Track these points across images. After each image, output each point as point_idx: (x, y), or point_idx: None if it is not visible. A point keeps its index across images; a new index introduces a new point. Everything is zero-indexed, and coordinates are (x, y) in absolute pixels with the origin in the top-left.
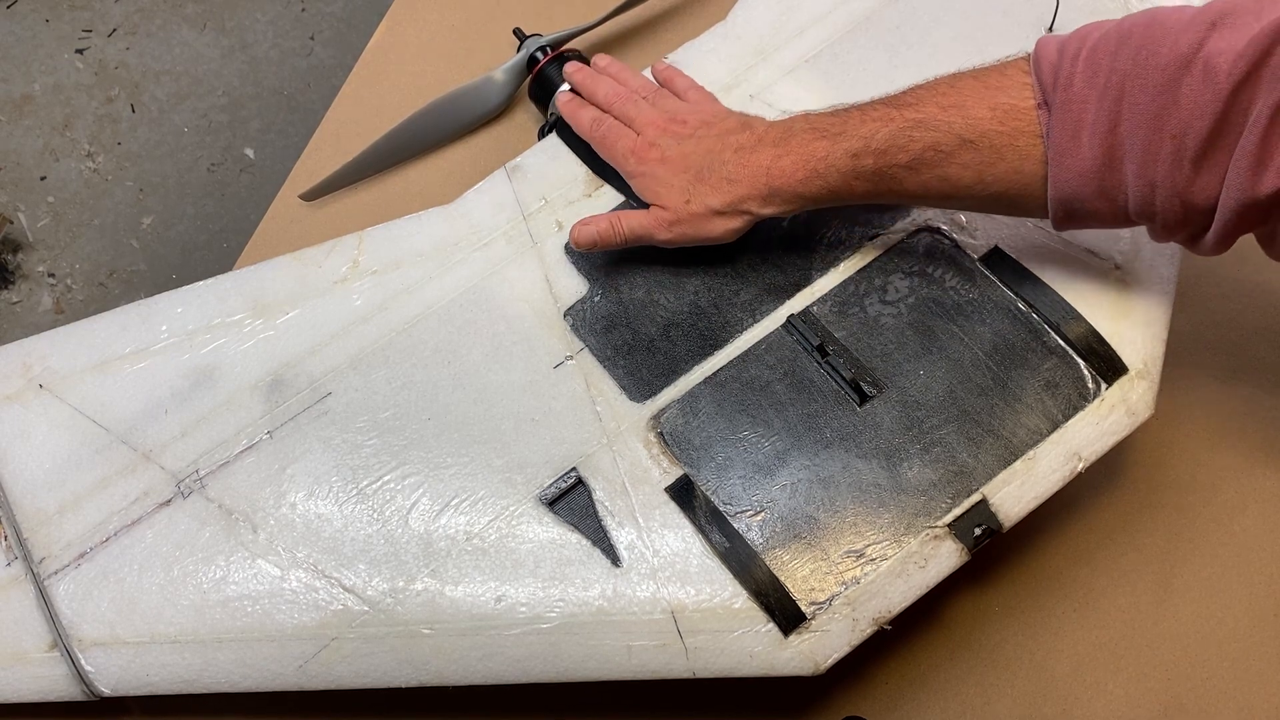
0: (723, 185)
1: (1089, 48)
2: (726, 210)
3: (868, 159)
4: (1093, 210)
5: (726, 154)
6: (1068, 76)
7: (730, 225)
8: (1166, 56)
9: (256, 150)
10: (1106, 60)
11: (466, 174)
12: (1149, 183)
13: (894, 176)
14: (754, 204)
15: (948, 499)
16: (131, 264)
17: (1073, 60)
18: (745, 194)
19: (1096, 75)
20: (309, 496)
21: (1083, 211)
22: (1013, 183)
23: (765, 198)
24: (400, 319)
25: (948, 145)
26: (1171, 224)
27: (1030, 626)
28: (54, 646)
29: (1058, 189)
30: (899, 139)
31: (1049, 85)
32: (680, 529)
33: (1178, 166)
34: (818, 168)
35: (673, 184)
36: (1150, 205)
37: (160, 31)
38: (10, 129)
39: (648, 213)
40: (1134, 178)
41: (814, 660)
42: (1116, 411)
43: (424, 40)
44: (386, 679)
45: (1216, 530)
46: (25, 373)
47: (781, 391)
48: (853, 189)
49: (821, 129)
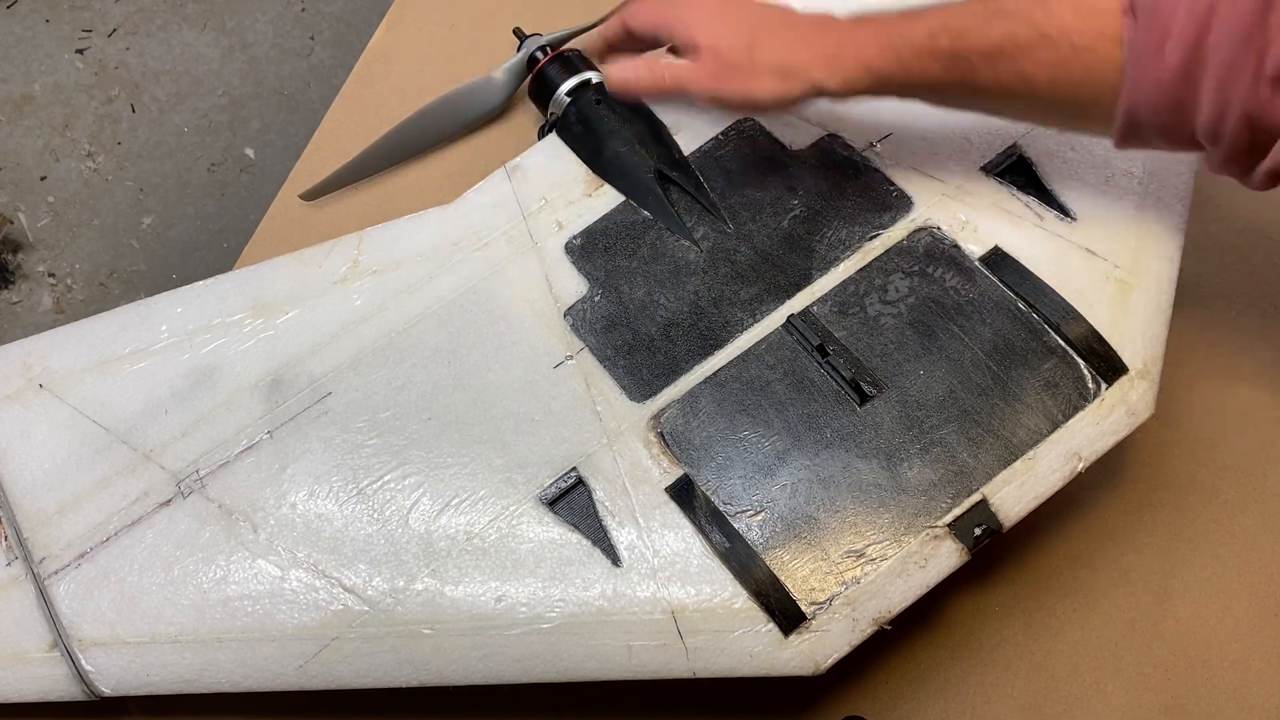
0: (789, 44)
1: None
2: (788, 70)
3: (945, 39)
4: (1161, 124)
5: (795, 18)
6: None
7: (786, 90)
8: None
9: (256, 150)
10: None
11: (466, 174)
12: (1224, 99)
13: (969, 63)
14: (819, 70)
15: (948, 499)
16: (131, 264)
17: None
18: (812, 57)
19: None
20: (309, 496)
21: (1149, 126)
22: (1086, 86)
23: (832, 65)
24: (400, 319)
25: (1026, 38)
26: (1236, 149)
27: (1030, 626)
28: (54, 646)
29: (1131, 98)
30: (979, 24)
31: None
32: (680, 529)
33: (1257, 86)
34: (893, 41)
35: (734, 31)
36: (1219, 126)
37: (160, 31)
38: (10, 129)
39: (693, 64)
40: (1210, 94)
41: (814, 660)
42: (1116, 411)
43: (424, 40)
44: (387, 679)
45: (1216, 530)
46: (25, 373)
47: (781, 391)
48: (926, 71)
49: (902, 11)
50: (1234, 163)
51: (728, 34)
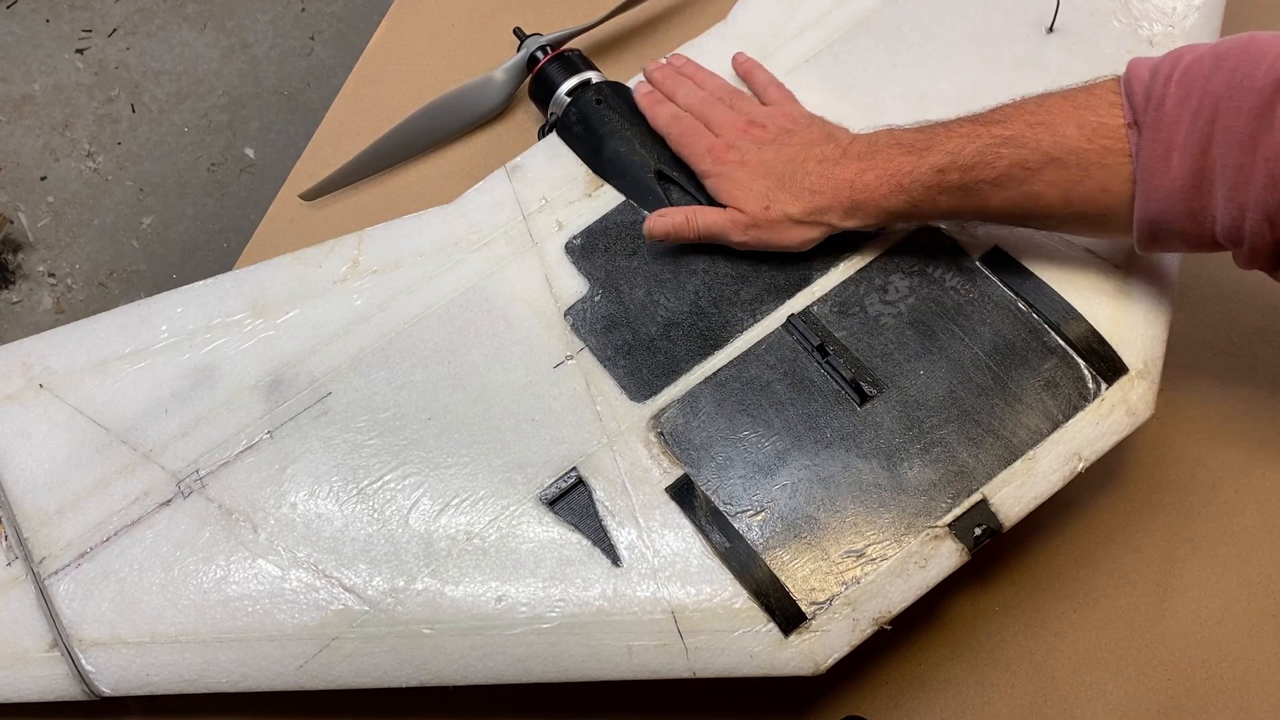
0: (804, 195)
1: (1182, 69)
2: (806, 219)
3: (954, 174)
4: (1179, 231)
5: (810, 164)
6: (1160, 97)
7: (808, 235)
8: (1262, 80)
9: (256, 150)
10: (1200, 82)
11: (466, 174)
12: (1239, 206)
13: (979, 193)
14: (835, 215)
15: (948, 499)
16: (131, 264)
17: (1165, 81)
18: (827, 204)
19: (1189, 96)
20: (309, 496)
21: (1169, 233)
22: (1099, 202)
23: (848, 210)
24: (400, 319)
25: (1035, 162)
26: (1259, 249)
27: (1030, 626)
28: (54, 646)
29: (1145, 209)
30: (986, 154)
31: (1140, 105)
32: (680, 529)
33: (1270, 191)
34: (902, 182)
35: (752, 188)
36: (1239, 229)
37: (160, 31)
38: (10, 129)
39: (724, 212)
40: (1224, 200)
41: (814, 660)
42: (1116, 411)
43: (424, 40)
44: (386, 679)
45: (1216, 530)
46: (25, 373)
47: (782, 391)
48: (937, 204)
49: (907, 144)
50: (1258, 260)
51: (747, 194)
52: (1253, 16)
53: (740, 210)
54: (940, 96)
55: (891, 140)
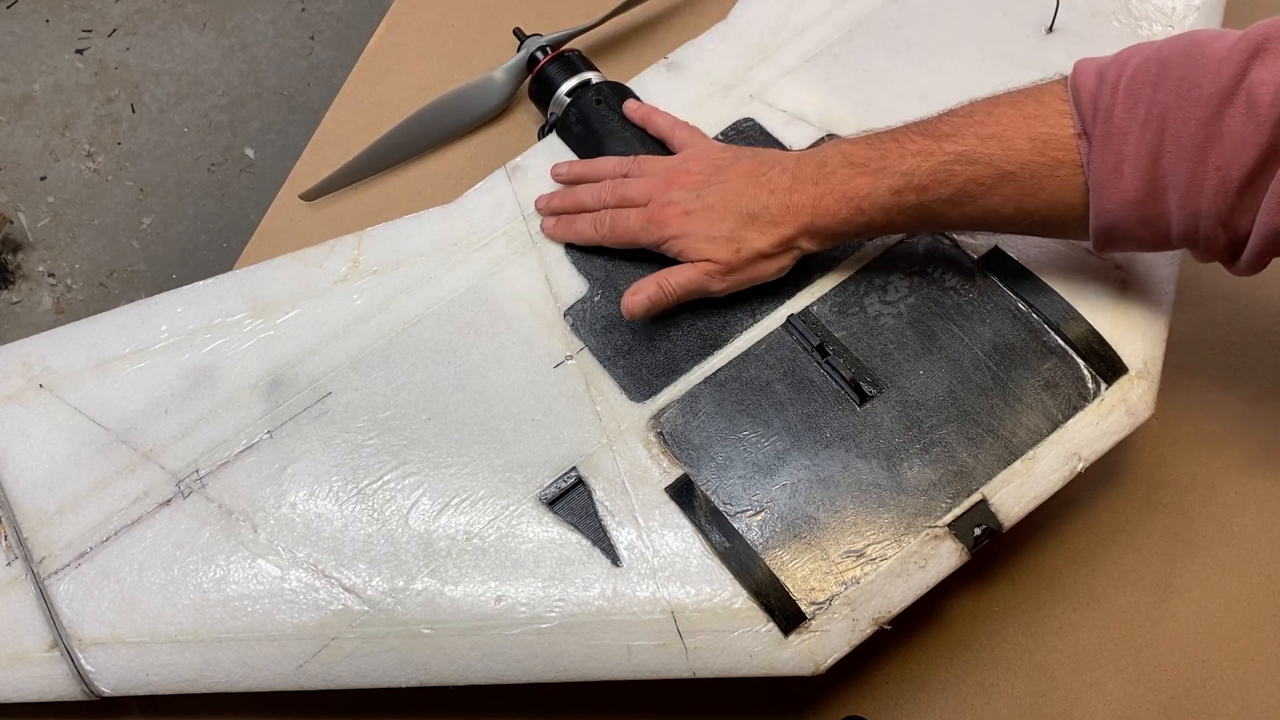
0: (768, 229)
1: (1129, 76)
2: (775, 252)
3: (910, 195)
4: (1135, 237)
5: (763, 197)
6: (1108, 107)
7: (781, 264)
8: (1209, 89)
9: (256, 150)
10: (1148, 91)
11: (466, 174)
12: (1193, 212)
13: (936, 211)
14: (802, 241)
15: (948, 499)
16: (131, 264)
17: (1112, 90)
18: (791, 234)
19: (1137, 106)
20: (309, 496)
21: (1125, 238)
22: (1054, 212)
23: (810, 236)
24: (400, 319)
25: (989, 178)
26: (1214, 248)
27: (1030, 626)
28: (54, 646)
29: (1100, 219)
30: (940, 174)
31: (1088, 115)
32: (680, 529)
33: (1222, 197)
34: (861, 205)
35: (715, 236)
36: (1194, 233)
37: (160, 31)
38: (10, 129)
39: (696, 267)
40: (1177, 208)
41: (814, 660)
42: (1116, 411)
43: (424, 40)
44: (386, 679)
45: (1216, 530)
46: (25, 373)
47: (781, 391)
48: (894, 223)
49: (860, 163)
50: (1215, 256)
51: (710, 244)
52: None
53: (711, 261)
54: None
55: (842, 159)
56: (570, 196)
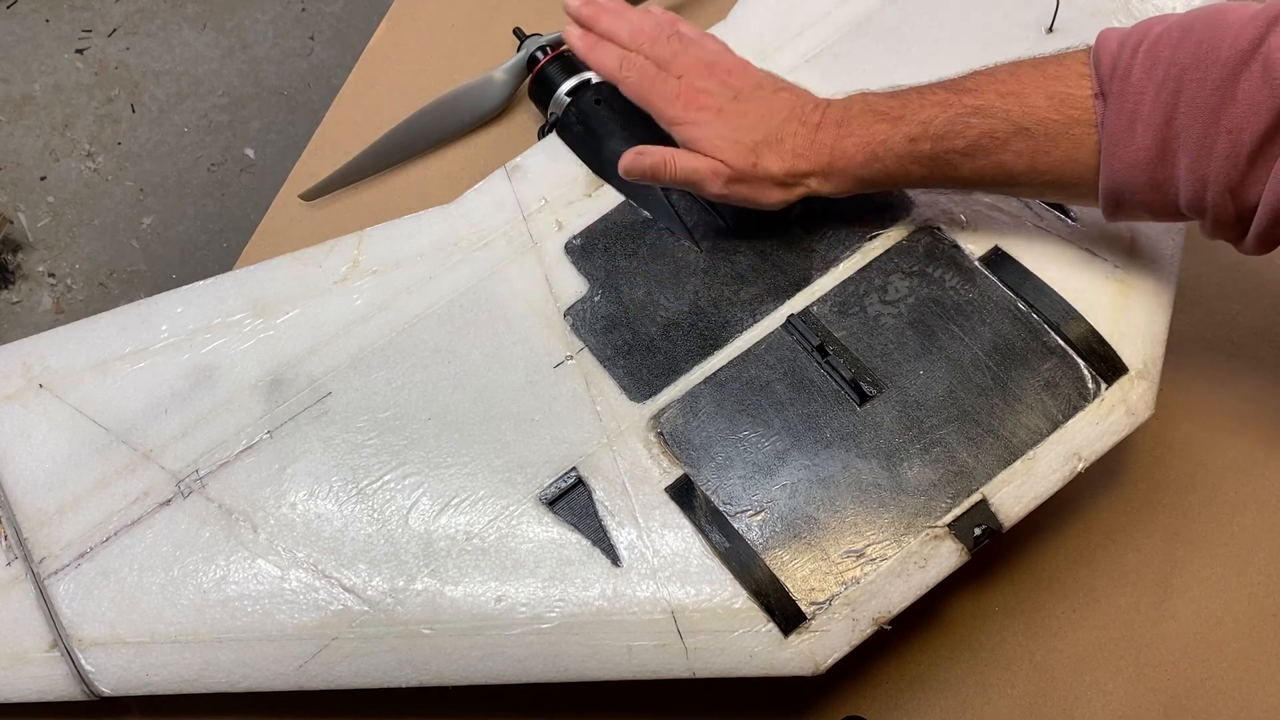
0: (788, 156)
1: (1150, 40)
2: (786, 181)
3: (925, 144)
4: (1143, 202)
5: (793, 125)
6: (1126, 67)
7: (785, 196)
8: (1226, 52)
9: (256, 150)
10: (1167, 53)
11: (466, 174)
12: (1201, 178)
13: (950, 162)
14: (814, 180)
15: (948, 499)
16: (131, 264)
17: (1132, 52)
18: (808, 169)
19: (1155, 67)
20: (309, 496)
21: (1133, 202)
22: (1066, 171)
23: (825, 175)
24: (400, 319)
25: (1003, 132)
26: (1222, 220)
27: (1030, 626)
28: (54, 646)
29: (1109, 179)
30: (956, 124)
31: (1106, 76)
32: (680, 529)
33: (1232, 163)
34: (877, 150)
35: (737, 140)
36: (1201, 200)
37: (160, 31)
38: (10, 129)
39: (707, 161)
40: (1186, 171)
41: (814, 660)
42: (1116, 411)
43: (424, 40)
44: (386, 679)
45: (1216, 530)
46: (25, 373)
47: (781, 391)
48: (909, 172)
49: (881, 111)
50: (1222, 231)
51: (732, 147)
52: None
53: (724, 162)
54: None
55: (865, 106)
56: (609, 19)
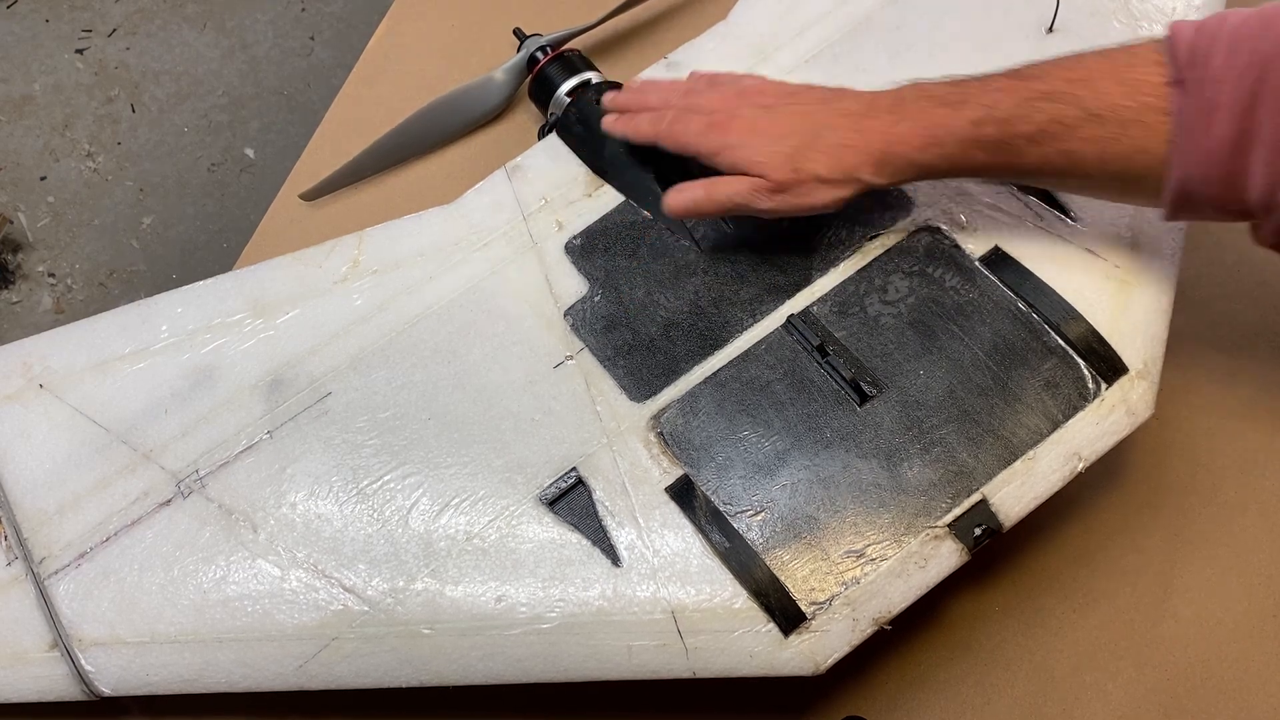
0: (833, 150)
1: (1230, 28)
2: (836, 178)
3: (990, 127)
4: (1212, 197)
5: (834, 119)
6: (1205, 54)
7: (838, 194)
8: None
9: (256, 150)
10: (1250, 41)
11: (466, 174)
12: (1277, 171)
13: (1015, 148)
14: (866, 171)
15: (948, 499)
16: (131, 264)
17: (1211, 38)
18: (858, 160)
19: (1237, 55)
20: (309, 496)
21: (1201, 197)
22: (1134, 161)
23: (879, 164)
24: (400, 319)
25: (1073, 118)
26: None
27: (1030, 626)
28: (54, 646)
29: (1181, 169)
30: (1023, 109)
31: (1185, 62)
32: (680, 529)
33: None
34: (937, 134)
35: (775, 150)
36: (1273, 196)
37: (160, 31)
38: (10, 129)
39: (746, 180)
40: (1264, 164)
41: (814, 660)
42: (1116, 411)
43: (424, 40)
44: (386, 679)
45: (1216, 530)
46: (25, 373)
47: (781, 391)
48: (971, 159)
49: (939, 97)
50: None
51: (770, 158)
52: None
53: (764, 177)
54: None
55: (920, 94)
56: (638, 96)
